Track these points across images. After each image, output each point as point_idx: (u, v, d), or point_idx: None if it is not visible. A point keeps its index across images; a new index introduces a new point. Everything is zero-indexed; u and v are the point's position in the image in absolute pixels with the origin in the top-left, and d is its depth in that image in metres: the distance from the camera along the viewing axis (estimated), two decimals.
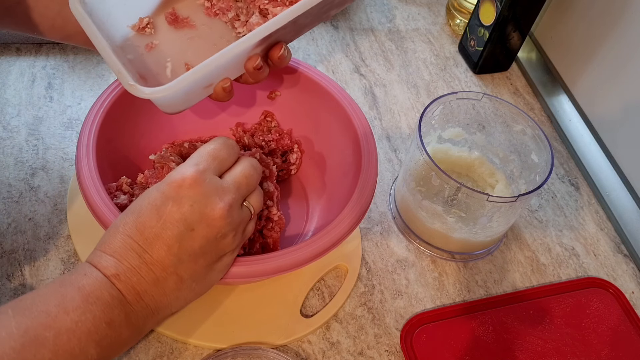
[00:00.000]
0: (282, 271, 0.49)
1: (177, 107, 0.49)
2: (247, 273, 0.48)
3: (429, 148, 0.67)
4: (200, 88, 0.48)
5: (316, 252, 0.50)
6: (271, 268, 0.48)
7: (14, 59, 0.73)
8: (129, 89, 0.45)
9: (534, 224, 0.69)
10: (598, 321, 0.61)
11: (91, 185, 0.49)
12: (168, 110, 0.49)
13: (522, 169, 0.65)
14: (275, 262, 0.48)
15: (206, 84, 0.48)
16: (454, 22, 0.90)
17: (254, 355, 0.52)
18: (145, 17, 0.52)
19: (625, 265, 0.67)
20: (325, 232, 0.51)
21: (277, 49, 0.48)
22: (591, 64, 0.78)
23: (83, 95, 0.71)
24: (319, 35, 0.85)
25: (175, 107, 0.49)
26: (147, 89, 0.45)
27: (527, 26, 0.81)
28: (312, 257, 0.50)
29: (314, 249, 0.50)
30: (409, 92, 0.80)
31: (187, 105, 0.50)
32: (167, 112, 0.50)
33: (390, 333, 0.58)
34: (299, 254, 0.49)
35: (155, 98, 0.45)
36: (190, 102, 0.50)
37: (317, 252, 0.50)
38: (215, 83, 0.48)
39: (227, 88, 0.48)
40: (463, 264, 0.64)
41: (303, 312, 0.57)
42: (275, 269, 0.48)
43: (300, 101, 0.63)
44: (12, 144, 0.64)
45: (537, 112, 0.82)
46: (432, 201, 0.62)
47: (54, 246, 0.58)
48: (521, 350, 0.58)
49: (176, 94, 0.46)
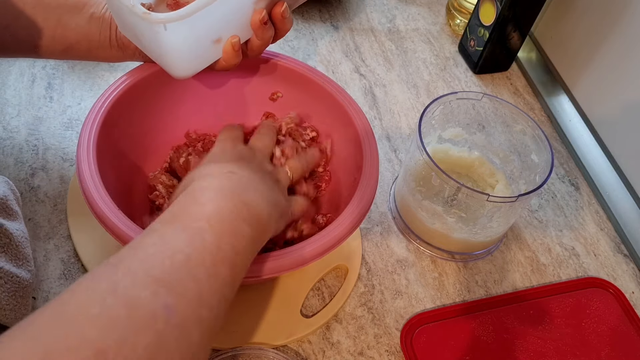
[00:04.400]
0: (281, 271, 0.48)
1: (187, 61, 0.50)
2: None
3: (429, 148, 0.67)
4: (210, 41, 0.49)
5: (317, 252, 0.49)
6: (269, 268, 0.47)
7: (14, 59, 0.73)
8: (142, 17, 0.45)
9: (534, 224, 0.69)
10: (598, 321, 0.61)
11: (92, 185, 0.49)
12: (178, 64, 0.49)
13: (522, 169, 0.65)
14: (275, 262, 0.48)
15: (215, 35, 0.49)
16: (454, 22, 0.90)
17: (254, 355, 0.52)
18: (147, 2, 0.52)
19: (625, 265, 0.67)
20: (326, 232, 0.50)
21: (279, 6, 0.51)
22: (591, 64, 0.78)
23: (83, 95, 0.71)
24: (319, 35, 0.85)
25: (185, 60, 0.49)
26: (162, 14, 0.45)
27: (527, 26, 0.81)
28: (313, 257, 0.49)
29: (314, 249, 0.49)
30: (409, 92, 0.80)
31: (197, 62, 0.51)
32: (177, 74, 0.50)
33: (390, 333, 0.58)
34: (298, 254, 0.48)
35: (170, 26, 0.45)
36: (200, 60, 0.51)
37: (317, 252, 0.49)
38: (224, 39, 0.50)
39: (236, 45, 0.51)
40: (463, 264, 0.64)
41: (303, 312, 0.57)
42: (273, 269, 0.48)
43: (301, 102, 0.62)
44: (12, 144, 0.64)
45: (537, 112, 0.82)
46: (432, 201, 0.62)
47: (54, 246, 0.58)
48: (521, 350, 0.58)
49: (189, 26, 0.46)
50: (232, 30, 0.50)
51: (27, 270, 0.50)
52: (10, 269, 0.49)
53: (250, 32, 0.52)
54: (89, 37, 0.54)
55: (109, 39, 0.55)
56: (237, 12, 0.49)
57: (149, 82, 0.57)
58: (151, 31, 0.46)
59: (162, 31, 0.45)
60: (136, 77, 0.56)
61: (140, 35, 0.49)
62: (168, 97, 0.60)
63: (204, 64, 0.52)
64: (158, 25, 0.45)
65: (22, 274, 0.49)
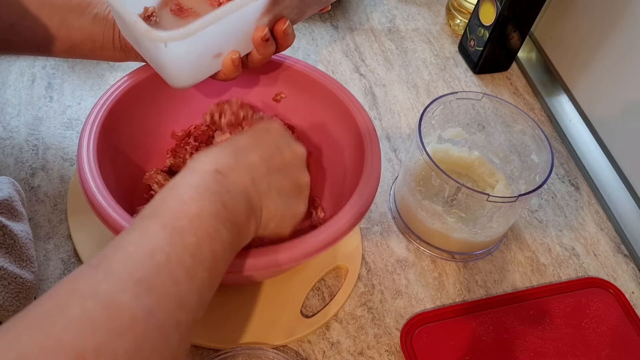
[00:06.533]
0: (277, 266, 0.47)
1: (187, 75, 0.50)
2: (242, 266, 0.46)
3: (429, 148, 0.67)
4: (210, 56, 0.49)
5: (316, 247, 0.48)
6: (264, 263, 0.47)
7: (14, 59, 0.73)
8: (143, 34, 0.45)
9: (534, 224, 0.69)
10: (598, 321, 0.61)
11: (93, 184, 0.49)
12: (178, 78, 0.49)
13: (522, 169, 0.65)
14: (271, 257, 0.47)
15: (216, 50, 0.49)
16: (454, 22, 0.90)
17: (254, 355, 0.52)
18: (151, 6, 0.52)
19: (625, 265, 0.67)
20: (325, 228, 0.49)
21: (282, 23, 0.51)
22: (591, 64, 0.78)
23: (83, 95, 0.71)
24: (318, 35, 0.85)
25: (185, 74, 0.49)
26: (163, 32, 0.45)
27: (527, 26, 0.81)
28: (311, 253, 0.48)
29: (313, 244, 0.48)
30: (409, 92, 0.80)
31: (196, 75, 0.51)
32: (176, 85, 0.50)
33: (390, 333, 0.58)
34: (295, 249, 0.47)
35: (170, 44, 0.45)
36: (199, 73, 0.51)
37: (317, 247, 0.48)
38: (225, 53, 0.50)
39: (235, 60, 0.51)
40: (463, 264, 0.64)
41: (303, 312, 0.57)
42: (269, 263, 0.47)
43: (304, 102, 0.62)
44: (12, 144, 0.64)
45: (537, 112, 0.82)
46: (432, 201, 0.62)
47: (54, 246, 0.58)
48: (521, 350, 0.58)
49: (189, 44, 0.46)
50: (233, 45, 0.50)
51: (30, 271, 0.51)
52: (14, 270, 0.49)
53: (251, 46, 0.52)
54: (93, 37, 0.54)
55: (112, 40, 0.55)
56: (240, 29, 0.49)
57: (150, 82, 0.57)
58: (152, 45, 0.47)
59: (162, 48, 0.46)
60: (138, 78, 0.56)
61: (142, 46, 0.49)
62: (170, 97, 0.60)
63: (204, 76, 0.52)
64: (159, 43, 0.45)
65: (25, 275, 0.49)
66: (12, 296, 0.47)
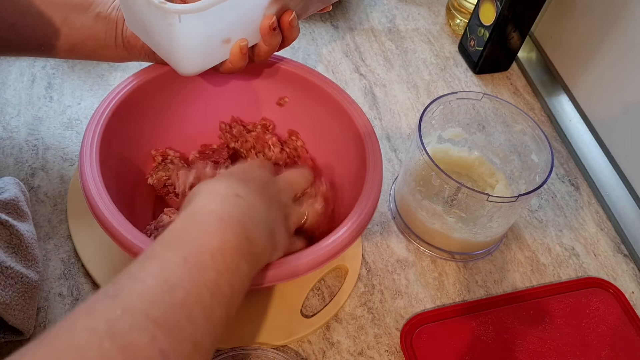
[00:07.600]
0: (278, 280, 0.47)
1: (196, 57, 0.50)
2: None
3: (429, 148, 0.67)
4: (220, 40, 0.50)
5: (317, 262, 0.48)
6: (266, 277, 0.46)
7: (14, 59, 0.72)
8: (158, 6, 0.45)
9: (534, 224, 0.69)
10: (598, 321, 0.61)
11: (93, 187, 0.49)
12: (187, 60, 0.50)
13: (522, 169, 0.65)
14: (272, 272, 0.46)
15: (225, 34, 0.50)
16: (454, 22, 0.90)
17: (254, 355, 0.52)
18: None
19: (625, 265, 0.67)
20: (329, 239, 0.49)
21: (288, 14, 0.52)
22: (591, 64, 0.78)
23: (83, 95, 0.71)
24: (318, 35, 0.85)
25: (194, 56, 0.50)
26: (178, 5, 0.46)
27: (527, 26, 0.81)
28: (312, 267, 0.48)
29: (314, 258, 0.48)
30: (409, 92, 0.80)
31: (205, 59, 0.51)
32: (184, 70, 0.51)
33: (390, 333, 0.58)
34: (297, 263, 0.47)
35: (184, 18, 0.46)
36: (208, 58, 0.51)
37: (318, 262, 0.48)
38: (234, 40, 0.51)
39: (243, 48, 0.52)
40: (463, 264, 0.64)
41: (303, 312, 0.57)
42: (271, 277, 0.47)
43: (308, 107, 0.62)
44: (12, 144, 0.64)
45: (537, 112, 0.82)
46: (432, 201, 0.62)
47: (54, 246, 0.58)
48: (521, 350, 0.58)
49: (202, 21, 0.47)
50: (242, 32, 0.51)
51: (35, 271, 0.51)
52: (21, 269, 0.49)
53: (258, 37, 0.53)
54: (95, 36, 0.54)
55: (114, 39, 0.55)
56: (249, 14, 0.50)
57: (153, 85, 0.57)
58: (164, 23, 0.47)
59: (175, 23, 0.46)
60: (141, 80, 0.56)
61: (151, 28, 0.49)
62: (173, 100, 0.60)
63: (211, 63, 0.52)
64: (172, 16, 0.46)
65: (30, 274, 0.50)
66: (19, 295, 0.48)
